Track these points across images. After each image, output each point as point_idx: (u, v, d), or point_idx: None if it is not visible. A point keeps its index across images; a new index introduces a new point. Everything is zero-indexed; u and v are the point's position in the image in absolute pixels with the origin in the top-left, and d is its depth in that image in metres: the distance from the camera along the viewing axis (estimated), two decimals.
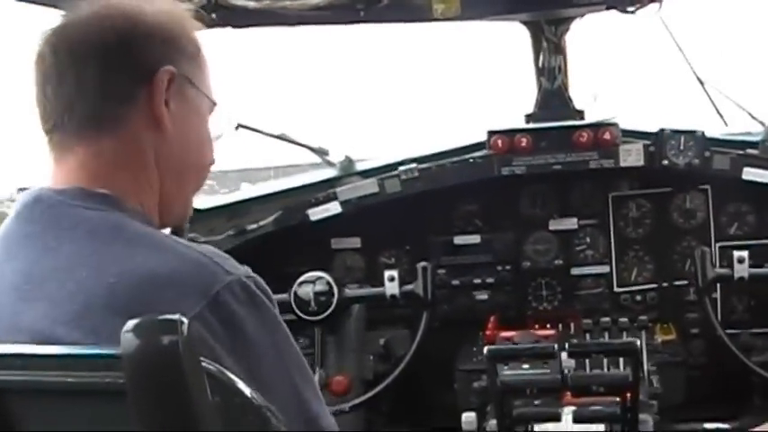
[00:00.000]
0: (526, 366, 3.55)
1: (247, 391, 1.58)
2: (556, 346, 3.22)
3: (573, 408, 3.38)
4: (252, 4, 3.73)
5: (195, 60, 1.92)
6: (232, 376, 1.58)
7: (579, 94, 4.64)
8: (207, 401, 1.46)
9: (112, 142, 1.83)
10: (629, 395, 3.22)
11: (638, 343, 3.21)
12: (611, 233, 4.62)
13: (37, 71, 1.85)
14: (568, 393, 3.42)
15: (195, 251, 1.75)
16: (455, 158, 4.48)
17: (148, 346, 1.40)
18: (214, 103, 1.97)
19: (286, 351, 1.80)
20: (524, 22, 4.48)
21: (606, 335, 4.29)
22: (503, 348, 3.51)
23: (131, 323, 1.41)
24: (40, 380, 1.54)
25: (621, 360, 3.72)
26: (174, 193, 1.93)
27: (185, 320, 1.42)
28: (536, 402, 3.46)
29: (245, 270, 1.77)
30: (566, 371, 3.39)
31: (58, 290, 1.67)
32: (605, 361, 3.83)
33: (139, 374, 1.41)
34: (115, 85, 1.82)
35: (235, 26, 3.95)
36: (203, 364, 1.49)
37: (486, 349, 3.22)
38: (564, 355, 3.32)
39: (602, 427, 3.36)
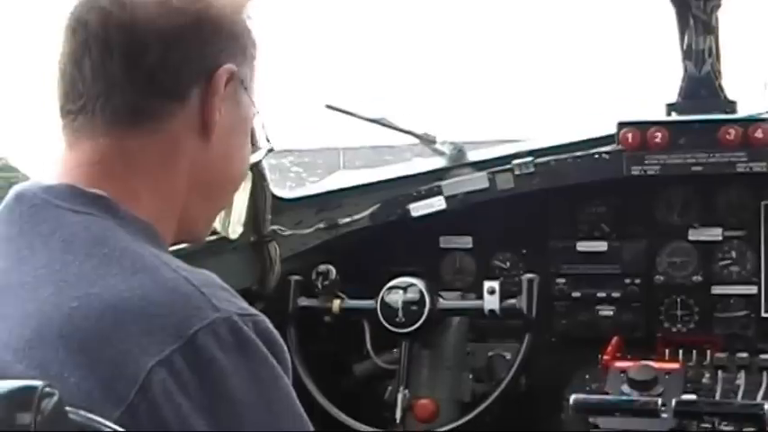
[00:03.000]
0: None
1: None
2: (659, 401, 2.64)
3: None
4: None
5: (252, 63, 1.70)
6: None
7: (734, 83, 4.01)
8: None
9: (144, 141, 1.58)
10: None
11: (765, 406, 2.56)
12: (762, 248, 3.94)
13: (73, 39, 1.58)
14: None
15: (182, 277, 1.43)
16: (578, 153, 3.91)
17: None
18: (257, 112, 1.73)
19: (281, 413, 1.45)
20: None
21: (743, 374, 3.64)
22: (592, 401, 2.93)
23: None
24: None
25: None
26: (199, 209, 1.69)
27: (54, 393, 1.17)
28: None
29: (243, 307, 1.45)
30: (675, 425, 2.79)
31: (16, 309, 1.42)
32: None
33: None
34: (170, 76, 1.57)
35: None
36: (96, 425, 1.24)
37: (572, 399, 2.66)
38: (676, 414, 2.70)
39: None
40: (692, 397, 3.31)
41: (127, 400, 1.33)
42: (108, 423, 1.29)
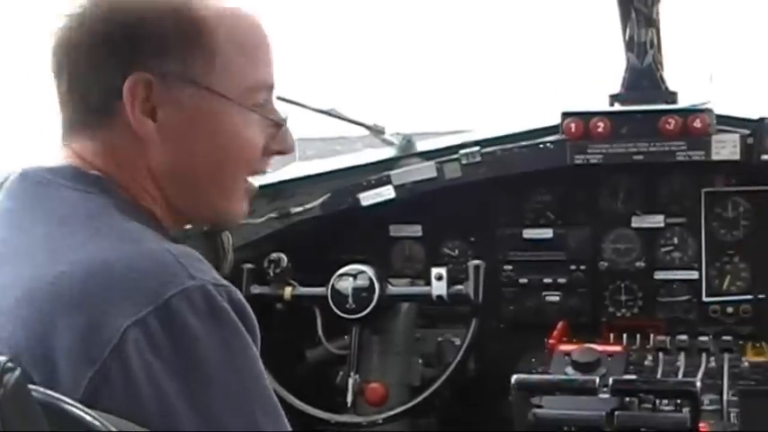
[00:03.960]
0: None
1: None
2: (598, 379, 2.71)
3: None
4: None
5: (204, 49, 1.67)
6: (96, 415, 1.32)
7: (680, 76, 4.16)
8: None
9: (98, 149, 1.69)
10: None
11: (704, 365, 2.62)
12: (703, 234, 4.04)
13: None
14: None
15: (164, 249, 1.53)
16: (523, 143, 3.98)
17: None
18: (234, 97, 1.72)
19: (249, 380, 1.52)
20: None
21: (683, 356, 3.74)
22: (532, 380, 3.01)
23: None
24: None
25: None
26: (185, 200, 1.75)
27: (15, 368, 1.21)
28: None
29: (217, 278, 1.53)
30: (626, 400, 2.87)
31: (10, 274, 1.52)
32: None
33: None
34: (92, 93, 1.67)
35: None
36: (58, 403, 1.30)
37: (513, 379, 2.74)
38: (613, 393, 2.79)
39: None
40: (631, 377, 3.41)
41: (101, 358, 1.40)
42: (66, 399, 1.36)
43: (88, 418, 1.33)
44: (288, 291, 3.92)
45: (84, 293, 1.44)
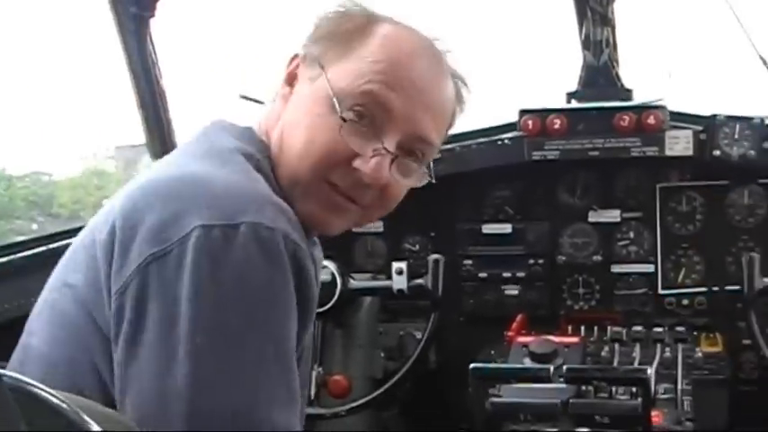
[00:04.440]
0: (531, 386, 3.09)
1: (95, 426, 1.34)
2: (553, 368, 2.78)
3: None
4: None
5: (348, 50, 1.90)
6: (76, 407, 1.34)
7: (637, 74, 4.22)
8: None
9: (272, 107, 2.01)
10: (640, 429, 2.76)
11: (658, 356, 2.72)
12: (658, 228, 4.13)
13: None
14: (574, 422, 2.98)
15: (264, 189, 1.80)
16: (482, 139, 4.08)
17: None
18: (337, 95, 1.89)
19: (261, 315, 1.65)
20: None
21: (638, 346, 3.83)
22: (488, 369, 3.08)
23: None
24: None
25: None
26: (286, 156, 1.93)
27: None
28: (532, 429, 3.02)
29: (289, 232, 1.70)
30: (582, 388, 2.95)
31: (146, 176, 1.81)
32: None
33: None
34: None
35: None
36: (31, 389, 1.32)
37: (471, 367, 2.81)
38: (567, 381, 2.86)
39: None
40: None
41: (168, 242, 1.64)
42: (35, 383, 1.42)
43: (55, 400, 1.35)
44: None
45: (180, 191, 1.70)
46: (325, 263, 3.85)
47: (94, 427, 1.35)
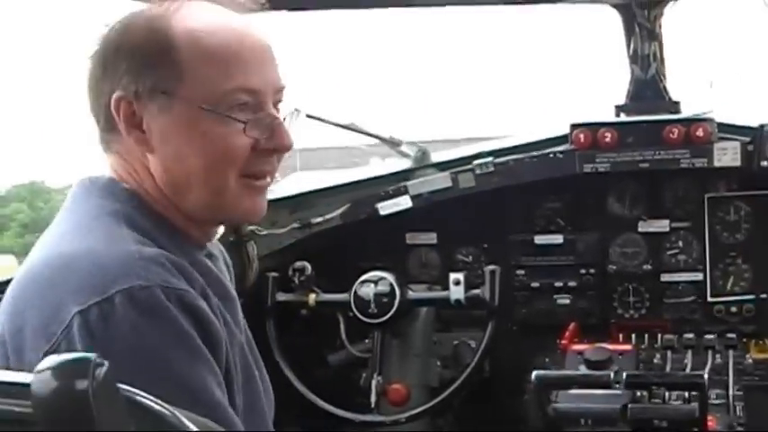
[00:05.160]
0: (592, 391, 3.20)
1: (193, 426, 1.42)
2: (612, 374, 2.92)
3: None
4: None
5: (176, 69, 1.88)
6: (176, 412, 1.41)
7: (680, 85, 4.30)
8: None
9: (120, 158, 1.97)
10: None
11: (710, 363, 2.84)
12: (707, 237, 4.22)
13: None
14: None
15: (135, 250, 1.78)
16: (534, 153, 4.17)
17: (58, 389, 1.31)
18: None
19: (175, 368, 1.71)
20: (614, 6, 4.14)
21: (689, 353, 3.93)
22: (552, 376, 3.21)
23: (43, 364, 1.31)
24: None
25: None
26: (189, 206, 1.94)
27: (104, 363, 1.32)
28: None
29: (168, 282, 1.75)
30: (637, 394, 3.06)
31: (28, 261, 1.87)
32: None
33: (48, 416, 1.31)
34: (99, 115, 1.95)
35: (291, 9, 3.71)
36: (138, 398, 1.39)
37: (534, 375, 2.93)
38: (626, 386, 2.97)
39: None
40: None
41: (55, 337, 1.69)
42: (150, 396, 1.54)
43: (168, 413, 1.42)
44: (312, 297, 4.11)
45: (51, 280, 1.75)
46: (384, 274, 4.00)
47: (192, 427, 1.43)
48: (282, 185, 4.32)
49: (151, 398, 1.46)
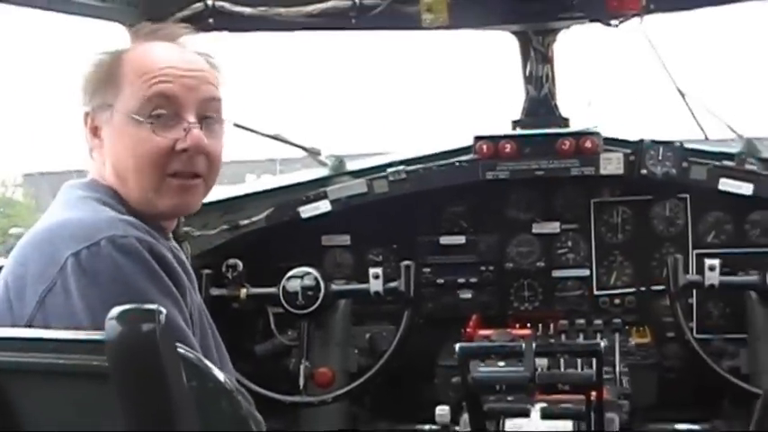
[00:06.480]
0: (501, 364, 3.68)
1: (221, 376, 1.74)
2: (524, 345, 3.36)
3: (541, 405, 3.55)
4: (248, 11, 3.92)
5: (117, 85, 2.30)
6: (207, 363, 1.74)
7: (568, 103, 4.79)
8: (182, 385, 1.63)
9: (96, 162, 2.39)
10: (594, 394, 3.36)
11: (603, 345, 3.34)
12: (593, 238, 4.77)
13: None
14: (540, 391, 3.58)
15: (115, 215, 2.21)
16: (442, 162, 4.63)
17: (129, 332, 1.57)
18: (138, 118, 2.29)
19: (138, 296, 2.02)
20: (513, 32, 4.61)
21: (581, 336, 4.45)
22: (473, 346, 3.67)
23: (115, 311, 1.57)
24: (32, 361, 1.71)
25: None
26: (132, 199, 2.32)
27: (163, 310, 1.61)
28: (508, 399, 3.63)
29: (142, 237, 2.14)
30: (538, 369, 3.54)
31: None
32: (579, 362, 3.99)
33: (121, 359, 1.58)
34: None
35: (231, 30, 4.11)
36: (180, 350, 1.65)
37: (457, 347, 3.37)
38: (536, 354, 3.45)
39: (569, 423, 3.52)
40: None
41: (51, 277, 2.06)
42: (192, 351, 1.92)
43: (202, 365, 1.72)
44: (243, 292, 4.51)
45: (49, 238, 2.13)
46: (309, 270, 4.41)
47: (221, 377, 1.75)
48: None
49: (198, 355, 1.77)
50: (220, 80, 2.42)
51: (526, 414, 3.55)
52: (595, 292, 4.76)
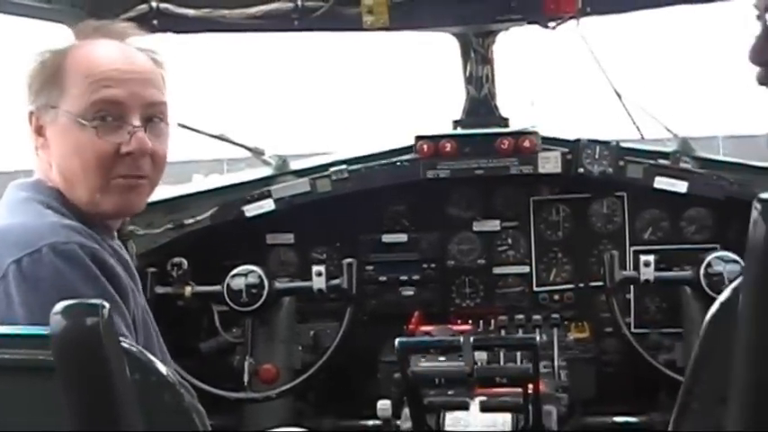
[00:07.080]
0: (442, 359, 3.77)
1: (163, 369, 1.79)
2: (461, 339, 3.44)
3: (481, 398, 3.64)
4: (192, 12, 3.97)
5: (61, 86, 2.31)
6: (150, 356, 1.79)
7: (508, 103, 4.87)
8: (125, 378, 1.67)
9: (39, 163, 2.40)
10: (531, 387, 3.45)
11: (539, 339, 3.43)
12: (532, 235, 4.86)
13: None
14: (480, 385, 3.66)
15: (57, 221, 2.22)
16: (383, 161, 4.70)
17: (74, 326, 1.62)
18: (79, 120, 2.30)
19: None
20: (453, 34, 4.69)
21: (520, 331, 4.54)
22: (412, 341, 3.75)
23: (59, 306, 1.62)
24: None
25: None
26: (75, 197, 2.33)
27: (106, 305, 1.65)
28: (449, 393, 3.71)
29: (84, 242, 2.15)
30: (478, 364, 3.62)
31: None
32: (518, 356, 4.07)
33: (65, 352, 1.62)
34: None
35: (176, 32, 4.16)
36: (123, 344, 1.70)
37: (397, 342, 3.44)
38: (474, 348, 3.53)
39: (507, 416, 3.61)
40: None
41: None
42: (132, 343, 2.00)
43: (142, 356, 1.77)
44: (188, 290, 4.54)
45: None
46: (253, 268, 4.46)
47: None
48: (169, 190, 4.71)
49: (140, 349, 1.81)
50: (165, 77, 2.44)
51: (465, 407, 3.63)
52: (535, 289, 4.86)
